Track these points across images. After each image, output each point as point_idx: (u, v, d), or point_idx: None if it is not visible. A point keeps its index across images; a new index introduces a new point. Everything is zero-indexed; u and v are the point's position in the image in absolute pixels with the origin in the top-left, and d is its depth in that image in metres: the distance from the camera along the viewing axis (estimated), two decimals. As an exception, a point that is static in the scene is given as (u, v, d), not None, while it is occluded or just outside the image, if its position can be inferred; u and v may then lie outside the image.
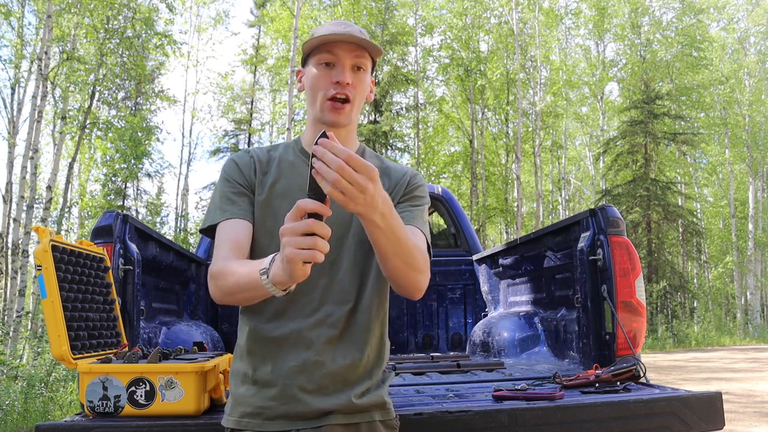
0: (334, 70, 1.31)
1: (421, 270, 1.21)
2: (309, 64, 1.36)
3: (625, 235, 2.39)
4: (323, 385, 1.24)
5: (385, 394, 1.32)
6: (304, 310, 1.28)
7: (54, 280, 1.72)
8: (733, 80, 22.57)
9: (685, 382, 7.71)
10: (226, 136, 22.18)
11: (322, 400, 1.24)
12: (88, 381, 1.64)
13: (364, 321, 1.30)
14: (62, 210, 13.50)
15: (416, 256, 1.18)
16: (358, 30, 1.33)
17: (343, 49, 1.30)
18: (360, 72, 1.33)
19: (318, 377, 1.24)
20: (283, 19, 17.93)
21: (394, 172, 1.42)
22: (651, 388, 1.97)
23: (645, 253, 18.01)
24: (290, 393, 1.24)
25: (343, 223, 1.31)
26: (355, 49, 1.31)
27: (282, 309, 1.28)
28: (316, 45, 1.31)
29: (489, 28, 21.71)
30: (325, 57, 1.31)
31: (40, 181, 14.75)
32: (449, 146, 23.90)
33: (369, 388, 1.29)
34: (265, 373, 1.26)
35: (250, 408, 1.25)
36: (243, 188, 1.34)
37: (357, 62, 1.32)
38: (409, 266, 1.18)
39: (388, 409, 1.31)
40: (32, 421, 5.09)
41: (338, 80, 1.30)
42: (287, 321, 1.28)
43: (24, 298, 10.10)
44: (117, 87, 15.37)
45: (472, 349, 3.53)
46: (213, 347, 3.10)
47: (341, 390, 1.25)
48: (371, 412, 1.27)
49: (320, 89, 1.31)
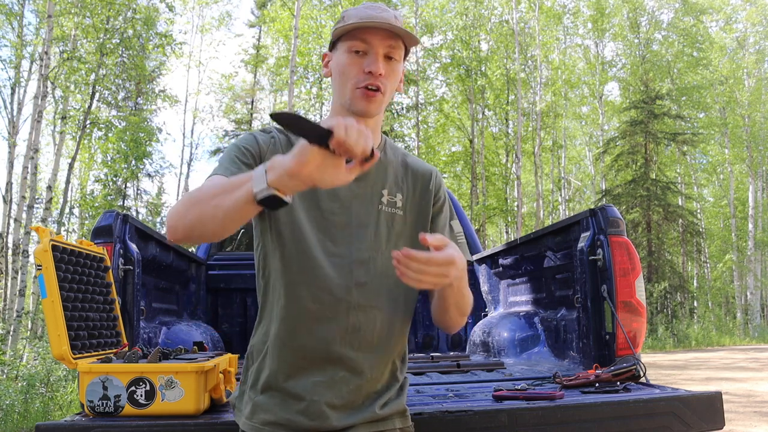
0: (366, 59, 1.22)
1: (467, 313, 1.27)
2: (338, 49, 1.26)
3: (625, 235, 2.39)
4: (351, 400, 1.21)
5: (405, 401, 1.30)
6: (333, 318, 1.21)
7: (54, 280, 1.72)
8: (733, 80, 22.57)
9: (685, 382, 7.71)
10: (226, 136, 22.20)
11: (350, 415, 1.21)
12: (88, 381, 1.63)
13: (393, 333, 1.27)
14: (62, 210, 13.49)
15: (469, 303, 1.24)
16: (393, 16, 1.23)
17: (376, 36, 1.21)
18: (392, 62, 1.24)
19: (346, 392, 1.21)
20: (284, 19, 17.94)
21: (419, 175, 1.35)
22: (651, 388, 1.97)
23: (645, 253, 18.01)
24: (318, 409, 1.19)
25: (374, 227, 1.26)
26: (390, 37, 1.22)
27: (312, 318, 1.21)
28: (348, 30, 1.22)
29: (489, 28, 21.71)
30: (357, 45, 1.22)
31: (41, 181, 14.76)
32: (449, 146, 23.91)
33: (391, 397, 1.27)
34: (292, 385, 1.20)
35: (273, 417, 1.20)
36: (252, 160, 1.23)
37: (390, 52, 1.23)
38: (462, 314, 1.25)
39: (407, 416, 1.30)
40: (32, 421, 5.09)
41: (370, 70, 1.20)
42: (316, 328, 1.21)
43: (24, 298, 10.10)
44: (117, 87, 15.38)
45: (472, 349, 3.53)
46: (213, 347, 3.10)
47: (368, 404, 1.23)
48: (393, 420, 1.26)
49: (350, 78, 1.23)
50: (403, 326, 1.29)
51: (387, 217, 1.28)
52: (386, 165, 1.31)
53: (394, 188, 1.30)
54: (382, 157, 1.31)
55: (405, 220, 1.30)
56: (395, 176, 1.32)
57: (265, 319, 1.27)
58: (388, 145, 1.35)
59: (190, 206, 1.06)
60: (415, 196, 1.33)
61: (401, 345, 1.30)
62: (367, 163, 0.95)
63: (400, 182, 1.32)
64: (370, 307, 1.22)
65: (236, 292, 3.85)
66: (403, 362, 1.33)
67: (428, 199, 1.34)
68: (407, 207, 1.31)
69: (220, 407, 1.79)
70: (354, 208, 1.25)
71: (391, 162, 1.33)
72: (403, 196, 1.31)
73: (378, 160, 1.31)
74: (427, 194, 1.34)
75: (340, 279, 1.21)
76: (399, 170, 1.33)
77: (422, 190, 1.34)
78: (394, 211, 1.29)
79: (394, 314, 1.26)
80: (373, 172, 1.27)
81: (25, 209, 10.60)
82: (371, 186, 1.28)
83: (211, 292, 3.81)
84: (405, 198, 1.31)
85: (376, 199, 1.27)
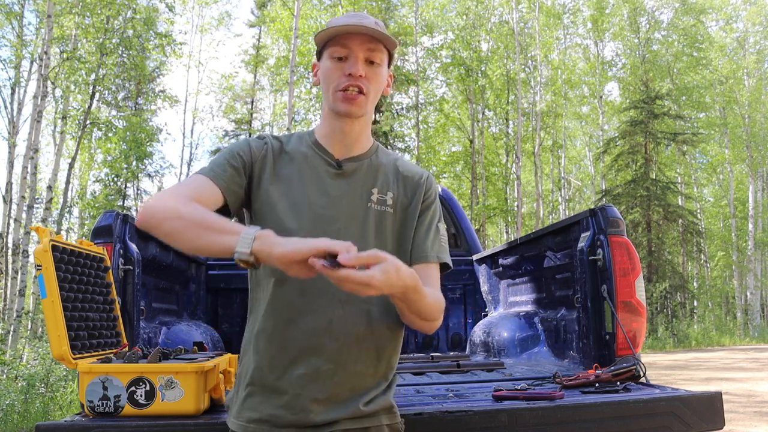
0: (347, 63, 1.27)
1: (434, 319, 1.26)
2: (323, 57, 1.32)
3: (625, 235, 2.39)
4: (334, 394, 1.22)
5: (392, 397, 1.30)
6: (317, 311, 1.23)
7: (54, 280, 1.72)
8: (733, 80, 22.57)
9: (686, 382, 7.71)
10: (226, 136, 22.21)
11: (332, 410, 1.22)
12: (88, 381, 1.63)
13: (378, 326, 1.27)
14: (62, 210, 13.50)
15: (432, 310, 1.23)
16: (373, 22, 1.29)
17: (355, 41, 1.26)
18: (374, 66, 1.29)
19: (329, 386, 1.22)
20: (284, 19, 17.94)
21: (410, 177, 1.38)
22: (651, 388, 1.97)
23: (645, 253, 18.00)
24: (301, 404, 1.21)
25: (362, 224, 1.29)
26: (369, 42, 1.27)
27: (296, 311, 1.24)
28: (329, 37, 1.28)
29: (490, 28, 21.72)
30: (338, 51, 1.27)
31: (41, 181, 14.77)
32: (449, 146, 23.91)
33: (377, 394, 1.27)
34: (275, 380, 1.23)
35: (258, 414, 1.23)
36: (241, 165, 1.29)
37: (370, 56, 1.28)
38: (424, 319, 1.23)
39: (394, 413, 1.30)
40: (32, 421, 5.09)
41: (350, 72, 1.26)
42: (300, 324, 1.23)
43: (24, 298, 10.10)
44: (117, 87, 15.38)
45: (472, 349, 3.53)
46: (213, 347, 3.10)
47: (352, 399, 1.24)
48: (379, 416, 1.26)
49: (333, 82, 1.28)
50: (388, 321, 1.29)
51: (376, 215, 1.31)
52: (377, 166, 1.36)
53: (384, 188, 1.34)
54: (374, 159, 1.37)
55: (395, 219, 1.33)
56: (386, 177, 1.36)
57: (252, 316, 1.31)
58: (380, 149, 1.41)
59: (172, 218, 1.12)
60: (406, 196, 1.36)
61: (389, 340, 1.30)
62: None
63: (391, 183, 1.35)
64: (354, 301, 1.24)
65: (236, 292, 3.86)
66: (392, 359, 1.32)
67: (417, 199, 1.36)
68: (397, 206, 1.34)
69: (220, 407, 1.79)
70: (343, 204, 1.29)
71: (383, 164, 1.37)
72: (393, 195, 1.34)
73: (369, 161, 1.35)
74: (416, 195, 1.36)
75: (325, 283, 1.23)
76: (390, 171, 1.37)
77: (412, 192, 1.37)
78: (384, 209, 1.32)
79: (378, 308, 1.27)
80: (365, 172, 1.33)
81: (25, 209, 10.60)
82: (361, 185, 1.32)
83: (211, 292, 3.82)
84: (395, 197, 1.34)
85: (365, 197, 1.31)
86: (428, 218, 1.36)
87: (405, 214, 1.35)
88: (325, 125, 1.35)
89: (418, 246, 1.32)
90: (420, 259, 1.31)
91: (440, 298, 1.27)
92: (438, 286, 1.30)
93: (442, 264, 1.34)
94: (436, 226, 1.37)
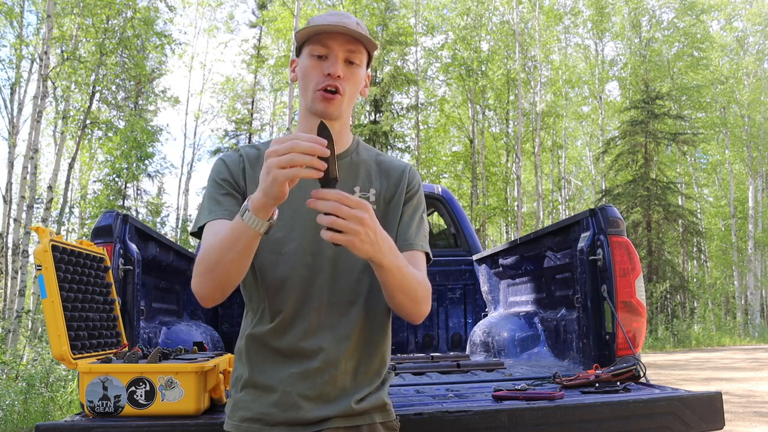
0: (326, 62, 1.27)
1: (423, 301, 1.25)
2: (303, 54, 1.32)
3: (625, 235, 2.39)
4: (324, 392, 1.23)
5: (385, 395, 1.31)
6: (304, 311, 1.26)
7: (54, 280, 1.72)
8: (733, 80, 22.57)
9: (686, 382, 7.71)
10: (226, 136, 22.20)
11: (323, 407, 1.23)
12: (88, 381, 1.64)
13: (367, 325, 1.29)
14: (62, 210, 13.49)
15: (419, 291, 1.23)
16: (354, 22, 1.28)
17: (336, 41, 1.26)
18: (353, 66, 1.29)
19: (320, 384, 1.23)
20: (284, 18, 17.94)
21: (392, 171, 1.39)
22: (651, 388, 1.97)
23: (645, 253, 18.00)
24: (291, 401, 1.22)
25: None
26: (349, 42, 1.27)
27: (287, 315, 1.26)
28: (309, 35, 1.28)
29: (490, 28, 21.72)
30: (318, 49, 1.27)
31: (41, 181, 14.76)
32: (450, 146, 23.91)
33: (370, 392, 1.28)
34: (266, 379, 1.25)
35: (250, 413, 1.24)
36: (229, 188, 1.31)
37: (350, 56, 1.28)
38: (413, 300, 1.22)
39: (388, 411, 1.30)
40: (32, 421, 5.09)
41: (329, 72, 1.26)
42: (289, 321, 1.26)
43: (24, 298, 10.09)
44: (117, 87, 15.38)
45: (472, 349, 3.53)
46: (213, 347, 3.10)
47: (342, 396, 1.24)
48: (371, 414, 1.26)
49: (311, 81, 1.28)
50: (377, 318, 1.30)
51: None
52: (358, 164, 1.37)
53: (366, 184, 1.35)
54: (354, 156, 1.38)
55: (379, 213, 1.33)
56: (367, 173, 1.37)
57: (244, 321, 1.34)
58: (360, 145, 1.41)
59: (210, 271, 1.17)
60: (389, 190, 1.37)
61: (380, 339, 1.31)
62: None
63: (374, 178, 1.37)
64: (341, 300, 1.26)
65: (236, 292, 3.84)
66: (384, 361, 1.33)
67: (401, 192, 1.37)
68: (380, 202, 1.35)
69: (220, 407, 1.79)
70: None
71: (363, 161, 1.38)
72: (376, 190, 1.35)
73: (350, 160, 1.36)
74: (399, 188, 1.38)
75: (309, 272, 1.26)
76: (372, 168, 1.38)
77: (395, 185, 1.38)
78: None
79: (365, 306, 1.28)
80: (345, 171, 1.34)
81: (25, 209, 10.59)
82: (342, 184, 1.32)
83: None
84: (378, 192, 1.35)
85: None
86: (411, 208, 1.37)
87: (389, 208, 1.36)
88: (302, 125, 1.35)
89: (402, 235, 1.33)
90: (406, 247, 1.32)
91: (428, 282, 1.28)
92: (425, 273, 1.31)
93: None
94: (420, 217, 1.38)
